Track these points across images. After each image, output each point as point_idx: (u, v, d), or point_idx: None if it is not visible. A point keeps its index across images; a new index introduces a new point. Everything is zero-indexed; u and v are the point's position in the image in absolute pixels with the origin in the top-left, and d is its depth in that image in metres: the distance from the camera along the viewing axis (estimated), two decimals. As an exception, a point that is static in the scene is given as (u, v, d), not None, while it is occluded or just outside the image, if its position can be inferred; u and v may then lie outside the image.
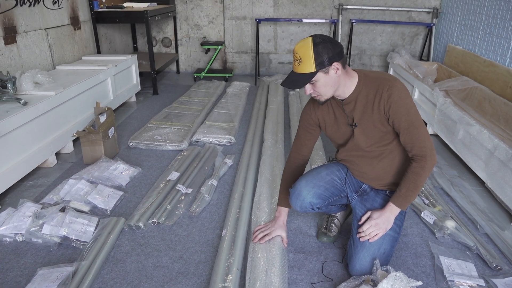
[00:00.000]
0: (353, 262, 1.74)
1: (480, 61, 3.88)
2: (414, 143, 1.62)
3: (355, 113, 1.71)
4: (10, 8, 3.04)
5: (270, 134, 3.24)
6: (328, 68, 1.57)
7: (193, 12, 5.54)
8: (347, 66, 1.67)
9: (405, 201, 1.69)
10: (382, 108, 1.62)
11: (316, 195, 1.85)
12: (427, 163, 1.61)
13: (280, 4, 5.42)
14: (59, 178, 2.63)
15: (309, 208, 1.89)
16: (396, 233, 1.76)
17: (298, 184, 1.88)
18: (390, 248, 1.74)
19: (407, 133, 1.62)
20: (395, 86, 1.59)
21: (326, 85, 1.61)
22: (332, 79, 1.59)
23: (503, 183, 2.37)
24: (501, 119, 3.09)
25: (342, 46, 1.60)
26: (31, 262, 1.87)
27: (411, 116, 1.60)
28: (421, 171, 1.62)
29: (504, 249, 2.01)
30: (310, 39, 1.55)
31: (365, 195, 1.90)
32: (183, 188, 2.47)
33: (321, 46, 1.53)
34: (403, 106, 1.59)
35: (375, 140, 1.73)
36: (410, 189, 1.66)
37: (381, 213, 1.73)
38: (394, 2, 5.28)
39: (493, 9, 3.79)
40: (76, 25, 4.02)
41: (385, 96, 1.60)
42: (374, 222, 1.72)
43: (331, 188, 1.89)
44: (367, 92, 1.66)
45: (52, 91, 2.83)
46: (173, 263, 1.89)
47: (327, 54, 1.54)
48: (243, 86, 4.87)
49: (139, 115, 3.94)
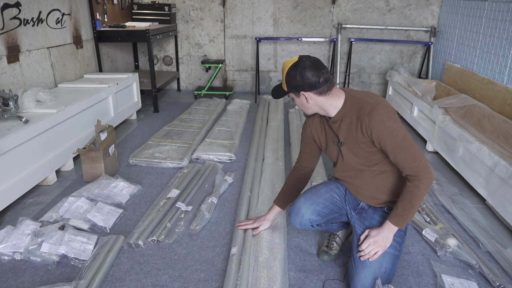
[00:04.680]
0: (355, 282, 1.72)
1: (479, 79, 3.91)
2: (404, 164, 1.60)
3: (340, 132, 1.73)
4: (14, 28, 3.09)
5: (271, 151, 3.25)
6: (298, 94, 1.65)
7: (194, 31, 5.62)
8: (333, 89, 1.66)
9: (402, 220, 1.68)
10: (365, 131, 1.63)
11: (315, 212, 1.85)
12: (422, 182, 1.59)
13: (280, 23, 5.50)
14: (59, 196, 2.63)
15: (309, 225, 1.89)
16: (397, 251, 1.74)
17: (297, 201, 1.90)
18: (391, 267, 1.73)
19: (394, 155, 1.61)
20: (375, 110, 1.58)
21: (301, 105, 1.72)
22: (304, 103, 1.69)
23: (504, 201, 2.36)
24: (501, 136, 3.10)
25: (322, 76, 1.60)
26: (29, 281, 1.85)
27: (395, 139, 1.58)
28: (416, 190, 1.60)
29: (507, 268, 1.98)
30: (293, 61, 1.62)
31: (363, 212, 1.89)
32: (183, 205, 2.46)
33: (293, 72, 1.61)
34: (385, 129, 1.58)
35: (363, 160, 1.73)
36: (406, 208, 1.64)
37: (379, 231, 1.71)
38: (392, 22, 5.36)
39: (490, 28, 3.85)
40: (78, 44, 4.08)
41: (366, 120, 1.60)
42: (372, 240, 1.70)
43: (330, 205, 1.88)
44: (351, 114, 1.67)
45: (53, 109, 2.85)
46: (173, 282, 1.86)
47: (296, 83, 1.62)
48: (243, 103, 4.90)
49: (140, 132, 3.95)
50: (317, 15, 5.42)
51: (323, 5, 5.36)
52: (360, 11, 5.36)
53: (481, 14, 4.05)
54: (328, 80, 1.62)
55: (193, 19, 5.56)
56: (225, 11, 5.49)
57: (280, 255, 1.98)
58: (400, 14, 5.32)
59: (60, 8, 3.72)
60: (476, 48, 4.12)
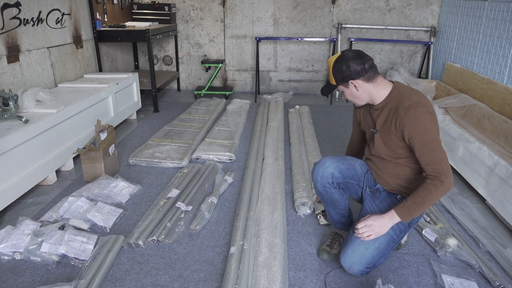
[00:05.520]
0: (346, 247, 1.79)
1: (479, 79, 3.91)
2: (428, 163, 1.64)
3: (378, 120, 1.81)
4: (14, 28, 3.09)
5: (271, 151, 3.25)
6: (347, 84, 1.75)
7: (194, 31, 5.62)
8: (379, 77, 1.76)
9: (407, 213, 1.69)
10: (398, 125, 1.69)
11: (338, 169, 1.93)
12: (443, 184, 1.62)
13: (280, 23, 5.50)
14: (59, 196, 2.63)
15: (329, 180, 1.92)
16: (396, 235, 1.77)
17: (323, 157, 2.01)
18: (385, 246, 1.75)
19: (421, 153, 1.65)
20: (413, 107, 1.64)
21: (351, 95, 1.81)
22: (354, 92, 1.78)
23: (504, 200, 2.36)
24: (501, 136, 3.10)
25: (366, 63, 1.71)
26: (29, 281, 1.85)
27: (426, 137, 1.62)
28: (434, 190, 1.63)
29: (507, 267, 1.98)
30: (336, 56, 1.74)
31: (377, 193, 1.96)
32: (183, 205, 2.46)
33: (339, 65, 1.71)
34: (418, 126, 1.63)
35: (391, 151, 1.80)
36: (416, 203, 1.66)
37: (379, 217, 1.73)
38: (392, 21, 5.36)
39: (490, 28, 3.85)
40: (78, 44, 4.08)
41: (402, 115, 1.66)
42: (369, 223, 1.72)
43: (352, 170, 1.98)
44: (392, 106, 1.74)
45: (53, 109, 2.85)
46: (173, 282, 1.86)
47: (343, 73, 1.71)
48: (243, 103, 4.90)
49: (140, 132, 3.95)
50: (317, 15, 5.42)
51: (323, 5, 5.36)
52: (360, 11, 5.36)
53: (481, 14, 4.05)
54: (372, 66, 1.73)
55: (193, 19, 5.56)
56: (225, 11, 5.49)
57: (280, 255, 1.98)
58: (400, 14, 5.32)
59: (60, 8, 3.72)
60: (476, 48, 4.12)
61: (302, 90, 5.84)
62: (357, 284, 1.86)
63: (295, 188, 2.65)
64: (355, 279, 1.90)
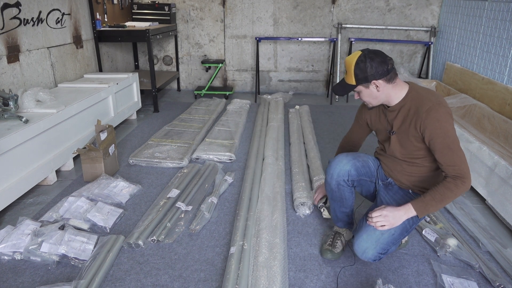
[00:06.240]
0: (361, 232, 1.78)
1: (479, 79, 3.91)
2: (449, 164, 1.65)
3: (395, 121, 1.80)
4: (14, 28, 3.08)
5: (271, 151, 3.24)
6: (368, 84, 1.71)
7: (194, 31, 5.62)
8: (397, 79, 1.75)
9: (424, 208, 1.69)
10: (419, 127, 1.68)
11: (355, 167, 1.94)
12: (464, 184, 1.63)
13: (280, 23, 5.50)
14: (59, 196, 2.63)
15: (345, 178, 1.93)
16: (409, 225, 1.77)
17: (338, 155, 2.00)
18: (399, 234, 1.75)
19: (442, 155, 1.65)
20: (434, 109, 1.64)
21: (369, 96, 1.77)
22: (373, 92, 1.74)
23: (504, 200, 2.36)
24: (501, 136, 3.10)
25: (389, 63, 1.69)
26: (29, 281, 1.85)
27: (447, 139, 1.63)
28: (454, 188, 1.63)
29: (507, 267, 1.98)
30: (357, 54, 1.69)
31: (390, 186, 1.98)
32: (183, 205, 2.46)
33: (362, 64, 1.67)
34: (440, 128, 1.63)
35: (407, 152, 1.80)
36: (435, 199, 1.66)
37: (395, 209, 1.72)
38: (392, 21, 5.36)
39: (490, 28, 3.85)
40: (78, 44, 4.08)
41: (423, 117, 1.65)
42: (385, 213, 1.71)
43: (366, 167, 1.98)
44: (410, 107, 1.73)
45: (53, 109, 2.85)
46: (173, 282, 1.86)
47: (366, 73, 1.67)
48: (243, 103, 4.90)
49: (140, 132, 3.95)
50: (317, 15, 5.42)
51: (323, 5, 5.36)
52: (360, 11, 5.36)
53: (481, 14, 4.05)
54: (393, 67, 1.72)
55: (193, 19, 5.56)
56: (225, 11, 5.49)
57: (280, 255, 1.98)
58: (400, 14, 5.32)
59: (60, 8, 3.72)
60: (476, 48, 4.12)
61: (302, 90, 5.84)
62: (357, 284, 1.86)
63: (295, 188, 2.65)
64: (356, 279, 1.90)
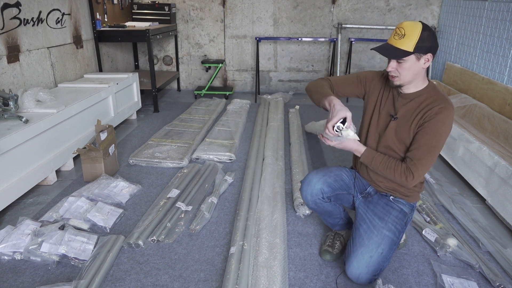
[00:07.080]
0: (351, 259, 1.77)
1: (479, 79, 3.91)
2: (415, 158, 1.68)
3: (403, 108, 1.76)
4: (14, 28, 3.08)
5: (271, 151, 3.25)
6: (422, 56, 1.62)
7: (194, 31, 5.62)
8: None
9: (369, 160, 1.77)
10: (422, 118, 1.68)
11: (327, 183, 1.91)
12: (409, 180, 1.69)
13: (280, 23, 5.50)
14: (59, 196, 2.63)
15: (320, 196, 1.90)
16: (396, 237, 1.78)
17: (308, 174, 1.97)
18: (388, 250, 1.75)
19: (417, 148, 1.69)
20: (447, 110, 1.64)
21: (410, 69, 1.64)
22: (418, 67, 1.64)
23: (504, 200, 2.36)
24: (501, 136, 3.09)
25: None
26: (29, 281, 1.85)
27: (433, 141, 1.65)
28: (399, 174, 1.70)
29: (507, 267, 1.98)
30: (421, 23, 1.60)
31: (369, 197, 1.95)
32: (183, 205, 2.46)
33: (427, 33, 1.59)
34: (437, 129, 1.64)
35: (399, 141, 1.78)
36: (381, 163, 1.74)
37: (351, 142, 1.74)
38: (392, 21, 5.36)
39: (490, 28, 3.85)
40: (78, 44, 4.08)
41: (434, 111, 1.65)
42: (341, 134, 1.68)
43: (340, 181, 1.95)
44: (424, 99, 1.71)
45: (53, 109, 2.85)
46: (173, 282, 1.86)
47: (429, 43, 1.59)
48: (244, 103, 4.90)
49: (140, 132, 3.95)
50: (317, 15, 5.42)
51: (323, 5, 5.36)
52: (360, 11, 5.36)
53: (481, 14, 4.05)
54: None
55: (193, 19, 5.56)
56: (225, 11, 5.49)
57: (280, 255, 1.98)
58: (400, 14, 5.32)
59: (60, 8, 3.72)
60: (476, 48, 4.12)
61: (302, 90, 5.84)
62: (357, 284, 1.86)
63: (295, 188, 2.65)
64: (355, 279, 1.90)
